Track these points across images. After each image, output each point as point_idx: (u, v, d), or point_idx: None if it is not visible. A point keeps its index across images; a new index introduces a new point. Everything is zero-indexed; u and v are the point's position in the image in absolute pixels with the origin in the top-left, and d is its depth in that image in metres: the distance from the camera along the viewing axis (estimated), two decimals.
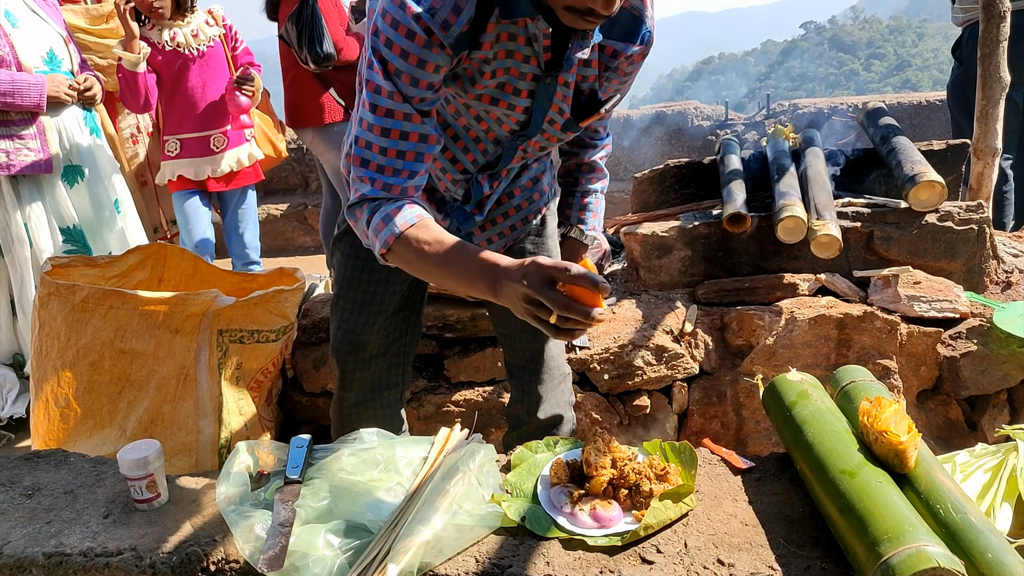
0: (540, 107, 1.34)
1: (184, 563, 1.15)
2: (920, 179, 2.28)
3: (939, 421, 2.29)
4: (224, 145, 3.06)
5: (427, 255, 1.19)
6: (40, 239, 2.62)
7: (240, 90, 2.98)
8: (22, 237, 2.59)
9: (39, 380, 1.99)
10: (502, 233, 1.62)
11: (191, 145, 3.02)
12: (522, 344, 1.73)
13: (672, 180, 2.83)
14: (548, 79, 1.30)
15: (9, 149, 2.52)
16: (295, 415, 2.50)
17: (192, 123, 3.01)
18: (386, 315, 1.65)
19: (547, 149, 1.49)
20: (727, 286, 2.40)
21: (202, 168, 3.04)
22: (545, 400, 1.75)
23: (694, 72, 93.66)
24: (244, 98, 2.99)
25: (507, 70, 1.28)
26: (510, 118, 1.37)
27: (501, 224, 1.62)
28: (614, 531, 1.15)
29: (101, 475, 1.40)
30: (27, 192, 2.61)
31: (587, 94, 1.39)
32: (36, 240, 2.61)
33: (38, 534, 1.22)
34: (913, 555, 0.93)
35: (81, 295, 1.91)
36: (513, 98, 1.33)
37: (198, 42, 2.97)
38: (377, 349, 1.68)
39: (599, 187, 1.72)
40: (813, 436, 1.20)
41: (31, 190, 2.61)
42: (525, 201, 1.62)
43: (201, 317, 2.02)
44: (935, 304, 2.23)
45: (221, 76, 3.04)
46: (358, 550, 1.14)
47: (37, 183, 2.63)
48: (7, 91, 2.46)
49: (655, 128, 5.40)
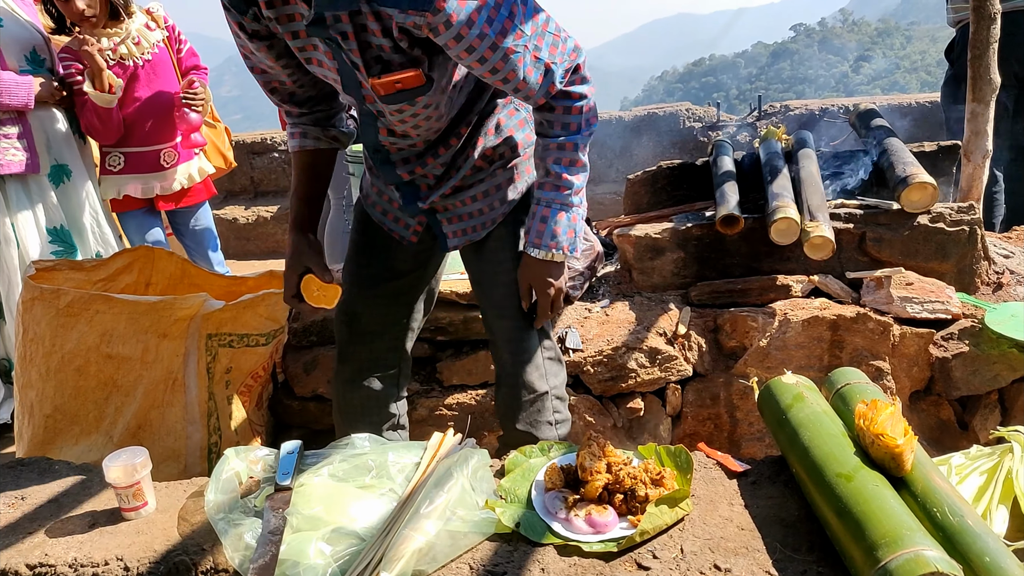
0: (344, 69, 1.38)
1: (172, 573, 1.13)
2: (912, 180, 2.28)
3: (931, 422, 2.29)
4: (175, 160, 2.83)
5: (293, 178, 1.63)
6: (27, 240, 2.58)
7: (189, 106, 2.77)
8: (9, 237, 2.55)
9: (23, 386, 1.96)
10: (457, 232, 1.65)
11: (137, 160, 2.76)
12: (498, 351, 1.72)
13: (664, 182, 2.83)
14: (331, 42, 1.33)
15: None
16: (286, 419, 2.48)
17: (139, 136, 2.74)
18: (382, 292, 1.71)
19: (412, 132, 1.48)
20: (720, 288, 2.39)
21: (150, 185, 2.79)
22: (519, 413, 1.69)
23: (685, 74, 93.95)
24: (194, 115, 2.79)
25: (293, 34, 1.35)
26: (336, 83, 1.42)
27: (458, 224, 1.64)
28: (610, 536, 1.14)
29: (87, 483, 1.37)
30: (14, 192, 2.57)
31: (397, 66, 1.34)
32: (23, 241, 2.58)
33: (22, 544, 1.19)
34: (911, 559, 0.92)
35: (66, 299, 1.88)
36: (322, 56, 1.38)
37: (141, 50, 2.72)
38: (372, 325, 1.72)
39: (550, 196, 1.49)
40: (809, 439, 1.20)
41: (17, 190, 2.57)
42: (485, 207, 1.62)
43: (189, 321, 1.99)
44: (927, 305, 2.24)
45: (169, 84, 2.81)
46: (350, 558, 1.13)
47: (24, 183, 2.59)
48: (4, 89, 2.43)
49: (646, 130, 5.40)
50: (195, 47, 3.03)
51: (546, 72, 1.37)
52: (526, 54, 1.33)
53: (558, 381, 1.73)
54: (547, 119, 1.46)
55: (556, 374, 1.73)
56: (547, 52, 1.36)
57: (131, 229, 2.88)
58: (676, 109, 5.48)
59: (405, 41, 1.30)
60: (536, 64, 1.35)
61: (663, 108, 5.56)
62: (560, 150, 1.47)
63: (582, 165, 1.50)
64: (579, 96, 1.44)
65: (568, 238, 1.51)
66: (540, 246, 1.50)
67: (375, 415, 1.77)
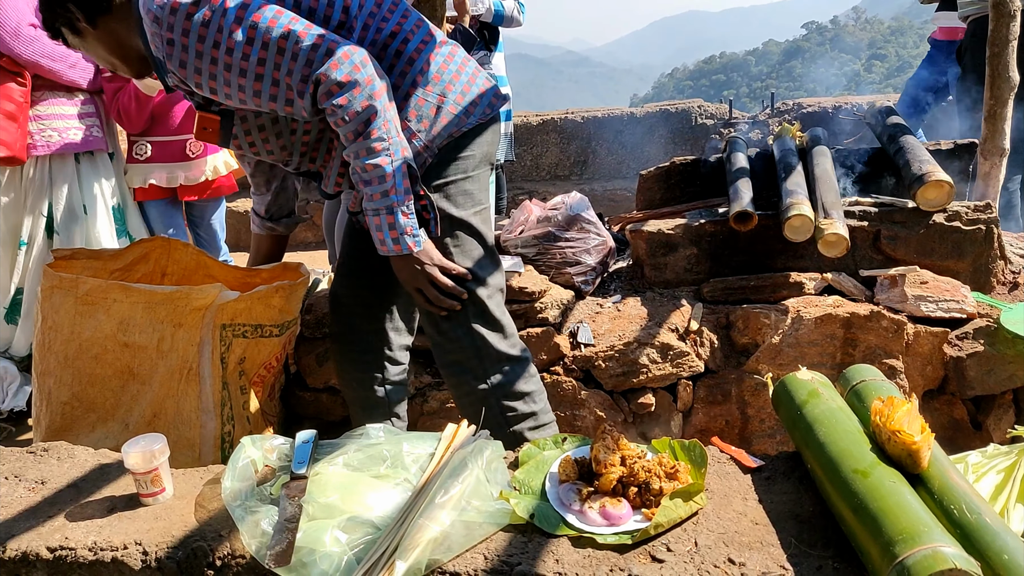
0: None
1: (190, 558, 1.14)
2: (928, 178, 2.26)
3: (944, 421, 2.28)
4: (201, 150, 2.88)
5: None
6: (97, 216, 2.69)
7: None
8: (78, 216, 2.64)
9: (41, 373, 1.97)
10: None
11: (164, 149, 2.82)
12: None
13: (678, 178, 2.82)
14: None
15: (81, 127, 2.64)
16: (298, 411, 2.49)
17: (166, 126, 2.80)
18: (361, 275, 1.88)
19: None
20: (733, 284, 2.39)
21: (175, 174, 2.86)
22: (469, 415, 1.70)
23: (695, 71, 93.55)
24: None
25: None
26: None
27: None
28: (624, 529, 1.14)
29: (105, 469, 1.39)
30: (87, 170, 2.68)
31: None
32: (91, 217, 2.68)
33: (42, 528, 1.21)
34: (929, 556, 0.92)
35: (84, 288, 1.90)
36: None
37: None
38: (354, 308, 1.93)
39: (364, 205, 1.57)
40: (825, 435, 1.19)
41: (89, 168, 2.69)
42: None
43: (204, 311, 2.00)
44: (942, 304, 2.22)
45: None
46: (366, 546, 1.13)
47: (93, 161, 2.71)
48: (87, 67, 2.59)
49: (659, 126, 5.39)
50: None
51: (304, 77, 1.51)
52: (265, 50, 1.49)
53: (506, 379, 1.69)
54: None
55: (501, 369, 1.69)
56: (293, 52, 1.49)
57: (153, 218, 2.93)
58: (688, 106, 5.47)
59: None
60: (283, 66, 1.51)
61: (675, 105, 5.55)
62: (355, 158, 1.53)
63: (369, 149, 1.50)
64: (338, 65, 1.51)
65: (390, 236, 1.54)
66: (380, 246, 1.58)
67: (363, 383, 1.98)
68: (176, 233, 2.91)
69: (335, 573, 1.09)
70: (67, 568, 1.15)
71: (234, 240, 5.05)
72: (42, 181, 2.63)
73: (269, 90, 1.46)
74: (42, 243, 2.66)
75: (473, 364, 1.69)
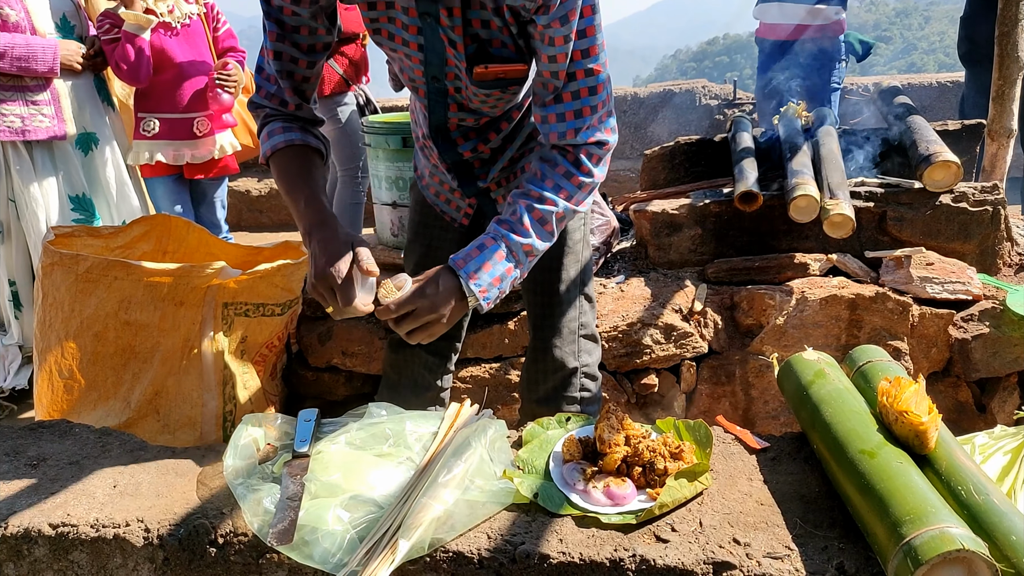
0: (432, 47, 1.33)
1: (192, 535, 1.14)
2: (935, 159, 2.24)
3: (948, 403, 2.27)
4: (207, 130, 2.88)
5: (282, 180, 1.36)
6: (49, 206, 2.62)
7: (223, 87, 2.80)
8: (38, 203, 2.59)
9: (43, 351, 1.97)
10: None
11: (171, 126, 2.82)
12: (531, 324, 1.72)
13: (682, 158, 2.80)
14: (427, 17, 1.27)
15: (24, 115, 2.53)
16: (300, 390, 2.49)
17: (174, 103, 2.80)
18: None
19: (482, 106, 1.44)
20: (737, 265, 2.37)
21: (181, 152, 2.85)
22: (541, 386, 1.70)
23: (699, 53, 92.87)
24: (227, 95, 2.82)
25: (387, 4, 1.28)
26: (412, 58, 1.37)
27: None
28: (628, 509, 1.14)
29: (107, 446, 1.38)
30: (40, 159, 2.61)
31: (498, 46, 1.31)
32: (47, 207, 2.61)
33: (44, 504, 1.20)
34: (936, 536, 0.91)
35: (85, 265, 1.89)
36: (404, 32, 1.32)
37: (173, 18, 2.77)
38: None
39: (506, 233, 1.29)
40: (831, 415, 1.18)
41: (43, 156, 2.61)
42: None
43: (206, 289, 1.99)
44: (947, 286, 2.21)
45: (203, 57, 2.86)
46: (368, 525, 1.13)
47: (49, 149, 2.63)
48: (22, 55, 2.45)
49: (662, 107, 5.35)
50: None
51: (585, 118, 1.30)
52: (595, 82, 1.29)
53: (591, 359, 1.72)
54: (545, 167, 1.34)
55: (590, 352, 1.71)
56: (601, 103, 1.31)
57: (159, 195, 2.93)
58: (692, 86, 5.43)
59: (515, 25, 1.26)
60: (590, 100, 1.29)
61: (679, 85, 5.50)
62: (540, 203, 1.31)
63: (551, 233, 1.34)
64: (587, 171, 1.34)
65: (492, 285, 1.27)
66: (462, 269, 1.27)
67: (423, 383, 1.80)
68: (183, 211, 2.92)
69: (337, 551, 1.09)
70: (69, 545, 1.15)
71: (235, 219, 5.04)
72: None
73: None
74: (18, 232, 2.64)
75: (575, 344, 1.68)
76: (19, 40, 2.46)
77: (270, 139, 1.37)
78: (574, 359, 1.69)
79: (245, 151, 3.14)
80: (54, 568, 1.16)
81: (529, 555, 1.07)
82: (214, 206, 3.08)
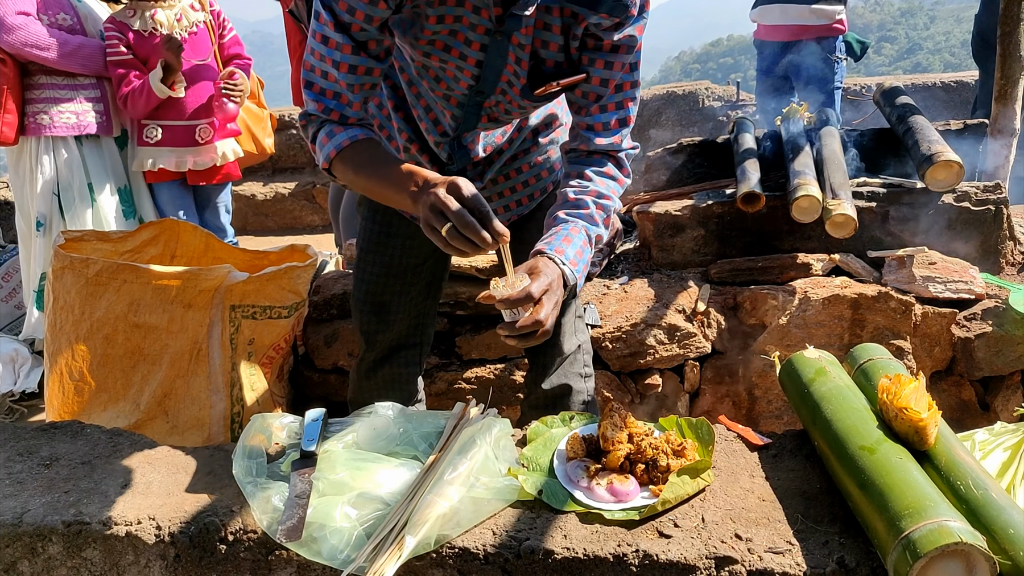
0: (492, 64, 1.34)
1: (202, 533, 1.16)
2: (937, 159, 2.25)
3: (952, 402, 2.28)
4: (210, 136, 2.89)
5: (364, 166, 1.29)
6: (102, 198, 2.75)
7: (228, 96, 2.81)
8: (85, 197, 2.70)
9: (53, 353, 1.99)
10: (507, 206, 1.65)
11: (174, 133, 2.83)
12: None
13: (685, 159, 2.81)
14: (499, 35, 1.29)
15: (78, 111, 2.69)
16: (306, 392, 2.51)
17: (177, 110, 2.81)
18: (411, 280, 1.70)
19: (514, 116, 1.48)
20: (740, 265, 2.39)
21: (184, 159, 2.86)
22: (551, 371, 1.74)
23: (703, 54, 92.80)
24: (232, 105, 2.83)
25: (456, 18, 1.29)
26: (464, 72, 1.37)
27: (508, 197, 1.64)
28: (631, 505, 1.15)
29: (117, 446, 1.40)
30: (90, 153, 2.74)
31: (551, 65, 1.36)
32: (98, 199, 2.74)
33: (57, 503, 1.22)
34: (935, 530, 0.93)
35: (95, 268, 1.91)
36: (465, 48, 1.33)
37: (180, 26, 2.79)
38: (399, 312, 1.72)
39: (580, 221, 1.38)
40: (832, 413, 1.20)
41: (91, 151, 2.75)
42: (533, 178, 1.64)
43: (214, 292, 2.02)
44: (950, 285, 2.22)
45: (208, 66, 2.88)
46: (375, 522, 1.14)
47: (97, 144, 2.77)
48: (90, 54, 2.66)
49: (666, 108, 5.36)
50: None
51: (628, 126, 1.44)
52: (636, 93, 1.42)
53: (585, 337, 1.79)
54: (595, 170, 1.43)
55: (583, 331, 1.78)
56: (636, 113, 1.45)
57: (164, 200, 2.96)
58: (695, 88, 5.44)
59: (575, 40, 1.32)
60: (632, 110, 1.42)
61: (682, 87, 5.51)
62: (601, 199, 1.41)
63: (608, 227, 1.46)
64: (628, 172, 1.49)
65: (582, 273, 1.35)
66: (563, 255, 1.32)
67: (399, 393, 1.79)
68: (187, 215, 2.94)
69: (345, 548, 1.10)
70: (82, 542, 1.17)
71: (241, 224, 5.07)
72: (46, 163, 2.66)
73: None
74: (58, 225, 2.70)
75: (572, 325, 1.74)
76: (74, 40, 2.62)
77: (332, 140, 1.32)
78: (574, 339, 1.74)
79: (248, 157, 3.15)
80: (68, 565, 1.19)
81: (534, 551, 1.09)
82: (218, 211, 3.10)
